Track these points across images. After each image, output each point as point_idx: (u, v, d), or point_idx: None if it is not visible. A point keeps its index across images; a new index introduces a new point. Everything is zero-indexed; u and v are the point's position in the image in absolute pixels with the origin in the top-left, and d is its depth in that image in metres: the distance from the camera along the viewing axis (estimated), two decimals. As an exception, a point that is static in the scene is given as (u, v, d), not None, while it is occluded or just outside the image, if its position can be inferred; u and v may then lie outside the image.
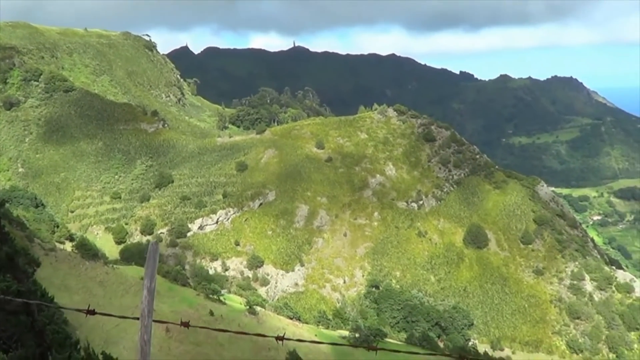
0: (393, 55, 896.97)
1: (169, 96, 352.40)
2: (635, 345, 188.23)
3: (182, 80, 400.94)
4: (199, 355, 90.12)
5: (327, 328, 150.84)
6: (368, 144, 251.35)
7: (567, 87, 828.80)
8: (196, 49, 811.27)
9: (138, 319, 11.27)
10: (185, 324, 12.16)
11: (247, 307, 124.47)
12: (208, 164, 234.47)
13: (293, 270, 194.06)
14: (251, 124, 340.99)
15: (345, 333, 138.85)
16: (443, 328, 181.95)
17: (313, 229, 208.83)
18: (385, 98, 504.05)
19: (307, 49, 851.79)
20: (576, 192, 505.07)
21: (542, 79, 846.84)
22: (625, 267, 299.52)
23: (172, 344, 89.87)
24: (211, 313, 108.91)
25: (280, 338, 11.82)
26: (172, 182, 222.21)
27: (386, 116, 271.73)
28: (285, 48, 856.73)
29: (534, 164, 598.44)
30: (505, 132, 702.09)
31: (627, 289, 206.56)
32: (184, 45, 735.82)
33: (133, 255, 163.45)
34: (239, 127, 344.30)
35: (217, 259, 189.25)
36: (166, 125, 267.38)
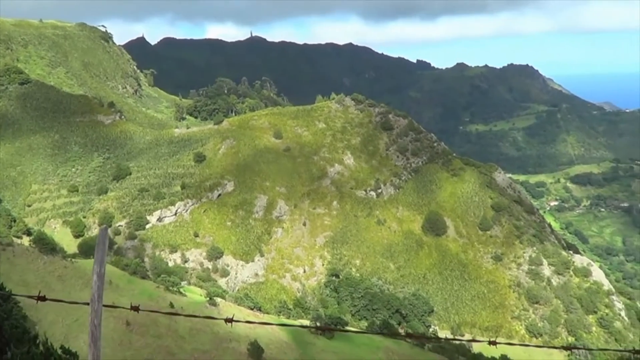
0: (350, 44, 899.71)
1: (125, 87, 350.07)
2: (594, 328, 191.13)
3: (138, 71, 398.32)
4: (160, 348, 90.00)
5: (288, 318, 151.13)
6: (326, 133, 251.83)
7: (523, 75, 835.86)
8: (153, 40, 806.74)
9: (88, 304, 11.41)
10: (135, 308, 12.32)
11: (208, 298, 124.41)
12: (166, 155, 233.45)
13: (253, 261, 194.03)
14: (209, 114, 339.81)
15: (307, 322, 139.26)
16: (403, 315, 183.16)
17: (272, 219, 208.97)
18: (342, 87, 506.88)
19: (265, 39, 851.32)
20: (533, 179, 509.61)
21: (498, 66, 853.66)
22: (582, 252, 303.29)
23: (133, 337, 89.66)
24: (171, 305, 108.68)
25: (229, 320, 12.06)
26: (130, 174, 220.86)
27: (344, 105, 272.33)
28: (243, 38, 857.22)
29: (491, 151, 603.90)
30: (463, 120, 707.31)
31: (585, 273, 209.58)
32: (140, 36, 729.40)
33: (91, 248, 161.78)
34: (196, 118, 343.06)
35: (176, 251, 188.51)
36: (123, 117, 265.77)
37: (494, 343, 13.03)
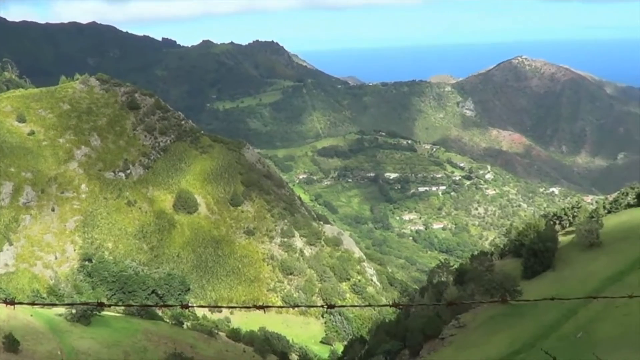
0: (94, 23, 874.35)
1: None
2: (348, 295, 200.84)
3: None
4: None
5: (43, 307, 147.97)
6: (71, 115, 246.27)
7: (269, 51, 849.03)
8: None
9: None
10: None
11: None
12: None
13: (2, 251, 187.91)
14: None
15: (62, 310, 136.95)
16: (160, 296, 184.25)
17: (19, 206, 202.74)
18: (87, 67, 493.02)
19: (5, 19, 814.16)
20: (281, 153, 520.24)
21: (244, 43, 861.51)
22: (332, 222, 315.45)
23: None
24: None
25: None
26: None
27: (88, 86, 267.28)
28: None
29: (239, 127, 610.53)
30: (210, 97, 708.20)
31: (336, 242, 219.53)
32: None
33: None
34: None
35: None
36: None
37: (185, 307, 14.97)
